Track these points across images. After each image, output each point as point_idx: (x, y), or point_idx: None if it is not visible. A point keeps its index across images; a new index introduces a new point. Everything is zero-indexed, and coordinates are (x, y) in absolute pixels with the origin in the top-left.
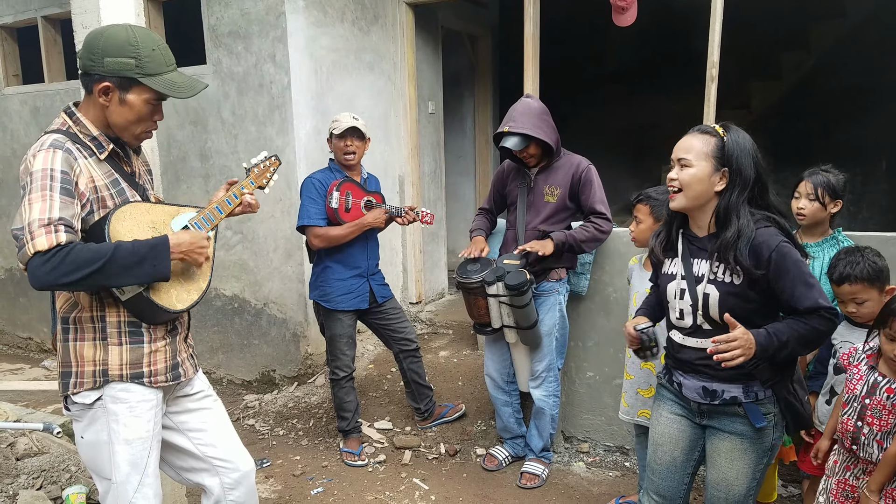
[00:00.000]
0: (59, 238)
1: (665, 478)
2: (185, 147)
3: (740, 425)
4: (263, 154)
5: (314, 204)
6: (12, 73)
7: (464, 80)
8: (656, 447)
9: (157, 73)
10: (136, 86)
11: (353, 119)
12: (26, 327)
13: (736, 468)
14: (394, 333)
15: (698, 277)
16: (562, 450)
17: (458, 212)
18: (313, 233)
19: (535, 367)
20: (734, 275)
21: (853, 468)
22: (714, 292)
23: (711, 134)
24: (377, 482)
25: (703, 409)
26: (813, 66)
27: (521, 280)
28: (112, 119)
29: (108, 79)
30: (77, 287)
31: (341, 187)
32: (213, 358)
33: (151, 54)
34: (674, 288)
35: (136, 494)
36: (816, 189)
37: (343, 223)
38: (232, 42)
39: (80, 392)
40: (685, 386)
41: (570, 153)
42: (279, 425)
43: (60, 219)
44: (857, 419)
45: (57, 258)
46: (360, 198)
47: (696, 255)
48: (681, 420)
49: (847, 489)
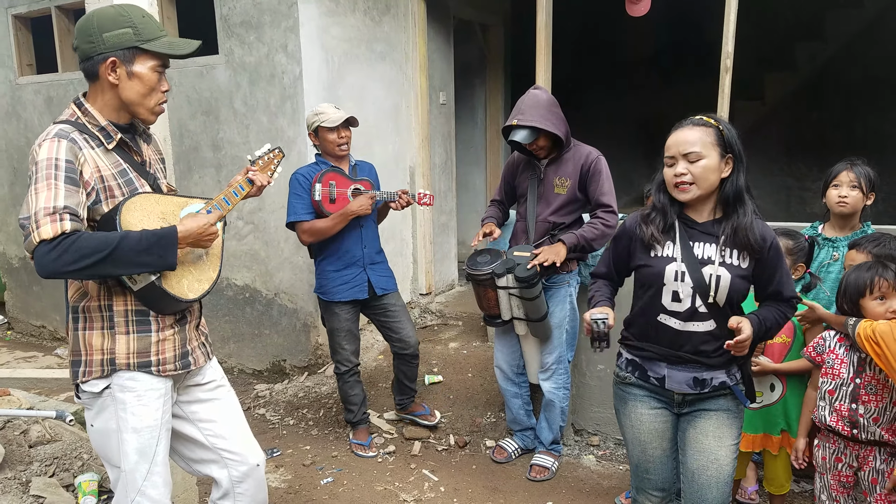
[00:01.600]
0: (64, 226)
1: (660, 471)
2: (198, 137)
3: (724, 401)
4: (267, 146)
5: (299, 199)
6: (26, 63)
7: (475, 69)
8: (644, 446)
9: (154, 37)
10: (139, 55)
11: (336, 109)
12: (40, 315)
13: (725, 445)
14: (390, 332)
15: (703, 260)
16: (572, 443)
17: (468, 202)
18: (301, 228)
19: (545, 360)
20: (742, 259)
21: (845, 458)
22: (725, 275)
23: (706, 125)
24: (386, 473)
25: (688, 399)
26: (829, 57)
27: (531, 272)
28: (126, 96)
29: (112, 54)
30: (83, 275)
31: (324, 178)
32: (224, 347)
33: (143, 21)
34: (672, 270)
35: (145, 482)
36: (859, 178)
37: (329, 215)
38: (244, 32)
39: (88, 381)
40: (671, 378)
41: (579, 144)
42: (289, 415)
43: (65, 207)
44: (851, 402)
45: (62, 247)
46: (347, 187)
47: (697, 239)
48: (661, 412)
49: (843, 479)
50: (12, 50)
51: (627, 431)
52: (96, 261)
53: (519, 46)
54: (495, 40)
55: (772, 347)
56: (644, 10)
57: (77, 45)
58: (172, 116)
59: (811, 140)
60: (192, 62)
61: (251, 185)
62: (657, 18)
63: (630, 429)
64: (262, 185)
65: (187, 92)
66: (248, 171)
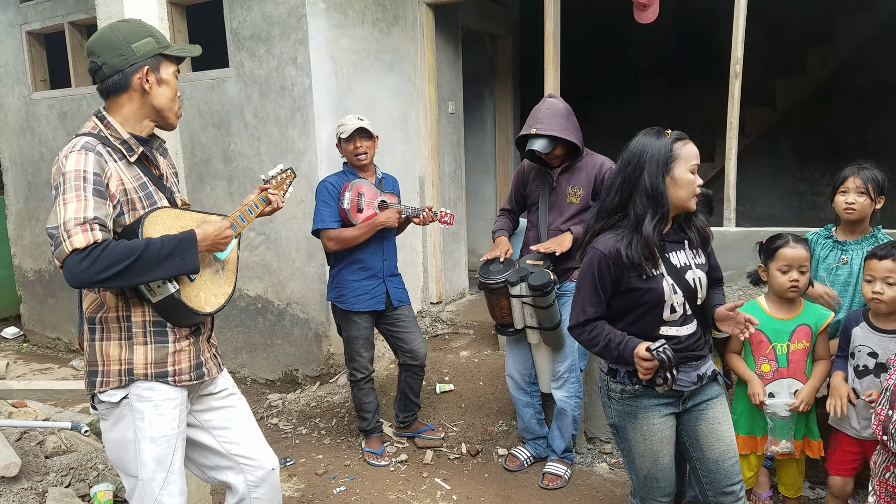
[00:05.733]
0: (96, 236)
1: (669, 477)
2: (209, 150)
3: (716, 387)
4: (280, 167)
5: (327, 207)
6: (40, 79)
7: (484, 79)
8: (657, 456)
9: (168, 43)
10: (163, 61)
11: (358, 120)
12: (55, 328)
13: (731, 427)
14: (401, 343)
15: (682, 268)
16: (584, 451)
17: (478, 211)
18: (327, 235)
19: (558, 368)
20: (699, 255)
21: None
22: (701, 274)
23: None
24: (399, 481)
25: (691, 393)
26: (840, 62)
27: (544, 280)
28: (157, 103)
29: (144, 62)
30: (112, 283)
31: (353, 188)
32: (237, 357)
33: (155, 31)
34: (668, 286)
35: (161, 491)
36: (866, 184)
37: (356, 224)
38: (254, 45)
39: (106, 391)
40: (680, 380)
41: (592, 153)
42: (302, 424)
43: (95, 218)
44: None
45: (93, 255)
46: (374, 198)
47: (670, 249)
48: (669, 418)
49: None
50: (26, 66)
51: (637, 445)
52: (124, 267)
53: (527, 56)
54: (504, 50)
55: (795, 353)
56: (652, 17)
57: (105, 61)
58: (184, 129)
59: (823, 145)
60: (203, 76)
61: (265, 204)
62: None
63: (641, 441)
64: (277, 207)
65: (199, 105)
66: (264, 191)
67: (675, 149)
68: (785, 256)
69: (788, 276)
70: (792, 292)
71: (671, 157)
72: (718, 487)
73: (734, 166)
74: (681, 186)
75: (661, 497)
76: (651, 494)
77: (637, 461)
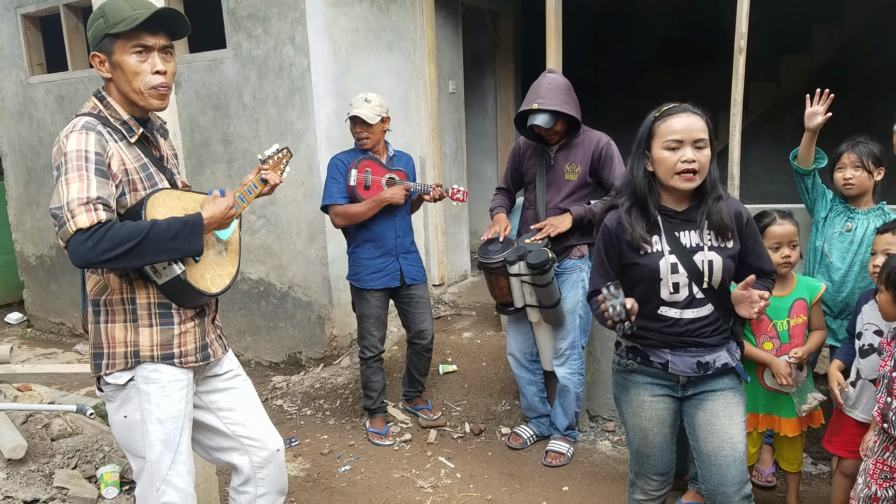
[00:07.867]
0: (100, 216)
1: (660, 457)
2: (208, 132)
3: (727, 380)
4: (276, 147)
5: (336, 183)
6: (37, 63)
7: (485, 58)
8: (645, 433)
9: (120, 19)
10: (114, 42)
11: (365, 102)
12: (58, 313)
13: (736, 423)
14: (411, 323)
15: (692, 248)
16: (587, 428)
17: (480, 192)
18: (334, 211)
19: (559, 346)
20: (726, 240)
21: (892, 448)
22: (717, 258)
23: (701, 114)
24: (403, 460)
25: (692, 381)
26: (846, 38)
27: (542, 259)
28: (122, 89)
29: (94, 49)
30: (116, 264)
31: (360, 165)
32: (240, 340)
33: (113, 6)
34: (665, 264)
35: (169, 472)
36: (861, 158)
37: (362, 201)
38: (251, 25)
39: (112, 373)
40: (674, 363)
41: (589, 129)
42: (306, 405)
43: (98, 198)
44: (888, 395)
45: (97, 235)
46: (382, 175)
47: (681, 228)
48: (663, 399)
49: (886, 470)
50: (22, 49)
51: (628, 419)
52: (130, 247)
53: (529, 34)
54: (505, 28)
55: (796, 328)
56: None
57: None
58: (182, 112)
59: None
60: (201, 57)
61: (264, 184)
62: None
63: (631, 416)
64: (275, 184)
65: (196, 87)
66: (261, 171)
67: (654, 127)
68: (774, 234)
69: (780, 253)
70: (784, 268)
71: (650, 135)
72: (709, 485)
73: (738, 143)
74: (659, 164)
75: (653, 475)
76: (643, 470)
77: (629, 434)
